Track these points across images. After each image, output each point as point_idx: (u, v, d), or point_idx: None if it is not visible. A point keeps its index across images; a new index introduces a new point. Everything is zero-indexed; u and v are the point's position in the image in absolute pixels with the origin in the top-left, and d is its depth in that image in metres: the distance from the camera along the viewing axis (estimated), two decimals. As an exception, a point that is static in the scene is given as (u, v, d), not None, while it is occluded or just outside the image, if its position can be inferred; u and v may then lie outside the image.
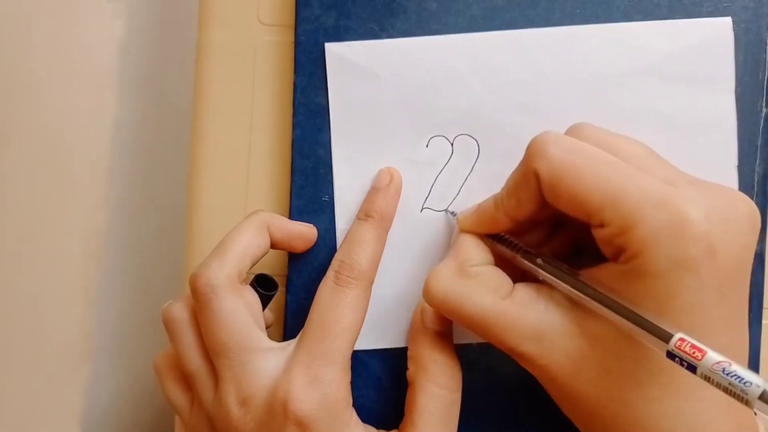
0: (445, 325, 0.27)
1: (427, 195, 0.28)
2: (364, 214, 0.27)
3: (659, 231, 0.19)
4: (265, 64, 0.30)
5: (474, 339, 0.27)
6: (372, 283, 0.26)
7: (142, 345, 0.41)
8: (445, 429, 0.25)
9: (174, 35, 0.42)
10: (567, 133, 0.23)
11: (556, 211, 0.22)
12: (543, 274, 0.22)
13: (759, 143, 0.26)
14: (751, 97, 0.26)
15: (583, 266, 0.22)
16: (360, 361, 0.28)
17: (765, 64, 0.26)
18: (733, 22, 0.26)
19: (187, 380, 0.26)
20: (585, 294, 0.20)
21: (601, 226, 0.20)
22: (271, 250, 0.27)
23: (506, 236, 0.24)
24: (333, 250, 0.28)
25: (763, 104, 0.26)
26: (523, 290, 0.23)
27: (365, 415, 0.26)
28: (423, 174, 0.28)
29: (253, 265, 0.26)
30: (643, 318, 0.19)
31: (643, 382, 0.20)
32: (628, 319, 0.19)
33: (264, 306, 0.27)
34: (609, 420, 0.21)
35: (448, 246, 0.27)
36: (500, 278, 0.23)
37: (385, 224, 0.27)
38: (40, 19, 0.32)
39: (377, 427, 0.26)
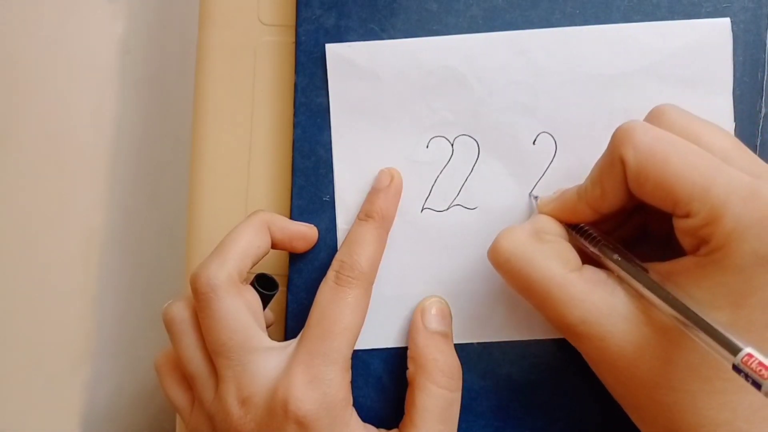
0: (445, 325, 0.27)
1: (427, 195, 0.28)
2: (364, 214, 0.27)
3: (747, 225, 0.19)
4: (266, 64, 0.30)
5: (474, 339, 0.28)
6: (372, 283, 0.26)
7: (142, 345, 0.41)
8: (445, 428, 0.25)
9: (174, 35, 0.42)
10: (649, 115, 0.23)
11: (636, 203, 0.22)
12: (619, 272, 0.22)
13: (758, 143, 0.26)
14: (750, 97, 0.26)
15: (647, 254, 0.22)
16: (360, 360, 0.28)
17: (764, 65, 0.26)
18: (732, 22, 0.26)
19: (187, 380, 0.26)
20: (659, 296, 0.20)
21: (686, 216, 0.20)
22: (271, 249, 0.27)
23: (585, 227, 0.24)
24: (333, 250, 0.28)
25: (762, 104, 0.26)
26: (592, 270, 0.22)
27: (365, 415, 0.26)
28: (423, 174, 0.28)
29: (254, 265, 0.26)
30: (714, 328, 0.18)
31: (707, 377, 0.20)
32: (698, 326, 0.19)
33: (264, 306, 0.27)
34: (664, 407, 0.21)
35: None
36: (571, 253, 0.23)
37: (385, 225, 0.27)
38: (40, 19, 0.32)
39: (377, 427, 0.26)
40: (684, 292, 0.20)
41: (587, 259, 0.23)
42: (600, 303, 0.21)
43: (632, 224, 0.25)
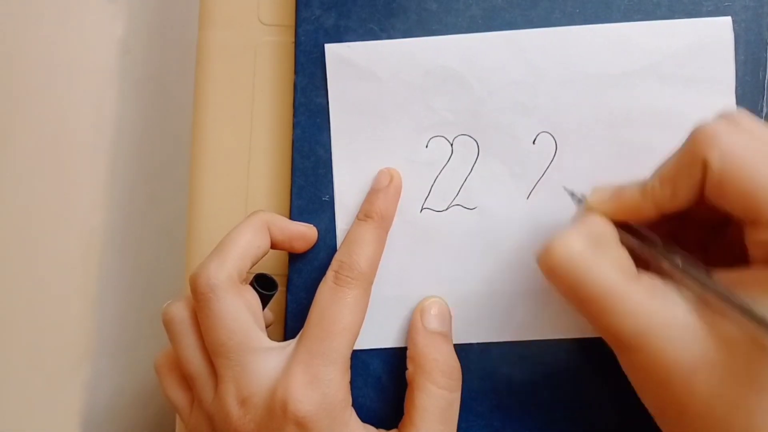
0: (444, 326, 0.27)
1: (426, 195, 0.28)
2: (363, 214, 0.27)
3: None
4: (266, 64, 0.30)
5: (474, 339, 0.27)
6: (372, 283, 0.26)
7: (142, 345, 0.41)
8: (445, 429, 0.25)
9: (174, 35, 0.42)
10: (722, 118, 0.22)
11: (701, 207, 0.21)
12: (681, 276, 0.21)
13: (759, 143, 0.26)
14: (752, 96, 0.26)
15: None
16: (360, 360, 0.28)
17: (765, 64, 0.26)
18: (734, 21, 0.26)
19: (187, 380, 0.26)
20: (732, 304, 0.19)
21: (766, 226, 0.19)
22: (271, 249, 0.27)
23: (638, 227, 0.23)
24: (333, 250, 0.28)
25: (764, 103, 0.26)
26: (651, 279, 0.21)
27: (365, 415, 0.26)
28: (423, 174, 0.28)
29: (254, 265, 0.26)
30: None
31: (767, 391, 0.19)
32: None
33: (264, 306, 0.27)
34: (716, 422, 0.20)
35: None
36: (629, 260, 0.22)
37: (384, 225, 0.27)
38: (40, 19, 0.32)
39: (377, 427, 0.26)
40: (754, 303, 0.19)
41: (637, 262, 0.22)
42: (660, 314, 0.20)
43: (659, 231, 0.24)
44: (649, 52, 0.26)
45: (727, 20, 0.26)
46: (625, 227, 0.23)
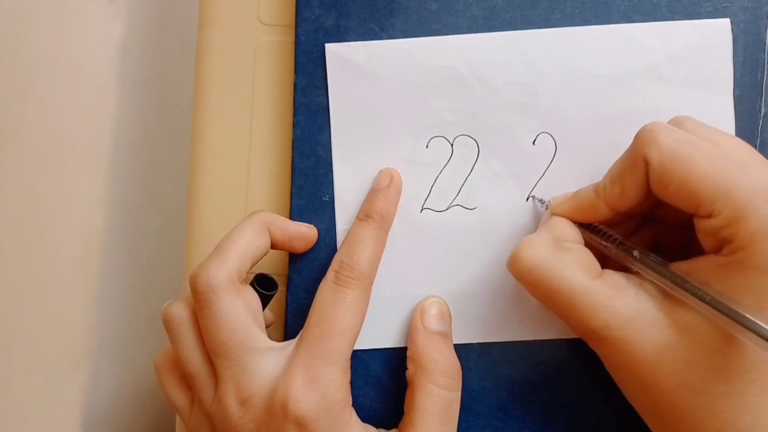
0: (444, 326, 0.27)
1: (427, 195, 0.28)
2: (364, 214, 0.27)
3: None
4: (266, 64, 0.30)
5: (474, 339, 0.28)
6: (372, 283, 0.26)
7: (142, 345, 0.41)
8: (445, 429, 0.25)
9: (174, 35, 0.42)
10: (669, 123, 0.23)
11: (650, 205, 0.22)
12: (639, 267, 0.22)
13: (757, 143, 0.26)
14: (750, 97, 0.26)
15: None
16: (360, 360, 0.28)
17: (764, 65, 0.26)
18: (732, 22, 0.26)
19: (187, 380, 0.26)
20: (684, 289, 0.20)
21: (709, 216, 0.20)
22: (271, 249, 0.27)
23: (599, 226, 0.24)
24: (333, 249, 0.28)
25: (762, 104, 0.26)
26: (613, 275, 0.23)
27: (365, 415, 0.26)
28: (423, 174, 0.28)
29: (254, 265, 0.26)
30: (745, 316, 0.19)
31: (729, 378, 0.20)
32: (728, 316, 0.19)
33: (264, 306, 0.27)
34: (686, 411, 0.21)
35: (532, 231, 0.27)
36: (591, 259, 0.23)
37: (385, 225, 0.27)
38: (41, 19, 0.32)
39: (377, 427, 0.26)
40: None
41: (604, 263, 0.24)
42: (624, 307, 0.21)
43: (642, 236, 0.25)
44: (648, 52, 0.27)
45: (726, 22, 0.26)
46: (587, 227, 0.24)
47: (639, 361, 0.21)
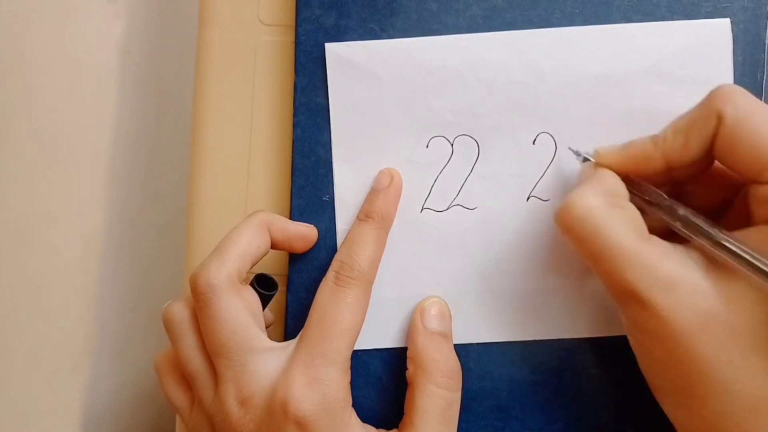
0: (444, 326, 0.27)
1: (427, 195, 0.28)
2: (364, 214, 0.27)
3: None
4: (266, 64, 0.30)
5: (474, 339, 0.28)
6: (372, 283, 0.26)
7: (142, 345, 0.41)
8: (445, 429, 0.25)
9: (174, 35, 0.42)
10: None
11: (697, 170, 0.22)
12: (684, 226, 0.22)
13: (758, 144, 0.26)
14: (750, 97, 0.26)
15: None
16: (360, 360, 0.28)
17: (764, 65, 0.26)
18: (732, 22, 0.26)
19: (187, 380, 0.26)
20: (733, 251, 0.20)
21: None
22: (271, 249, 0.27)
23: (644, 182, 0.23)
24: (333, 249, 0.28)
25: (762, 105, 0.26)
26: (661, 241, 0.22)
27: (365, 415, 0.26)
28: (423, 174, 0.28)
29: (254, 265, 0.26)
30: None
31: None
32: None
33: (264, 306, 0.27)
34: (719, 385, 0.21)
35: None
36: (641, 220, 0.23)
37: (385, 225, 0.27)
38: (40, 19, 0.32)
39: (377, 427, 0.26)
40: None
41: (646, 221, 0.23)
42: (670, 272, 0.21)
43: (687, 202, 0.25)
44: (648, 52, 0.27)
45: (726, 22, 0.26)
46: (632, 184, 0.24)
47: (677, 329, 0.21)
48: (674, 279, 0.21)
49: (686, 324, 0.21)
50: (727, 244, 0.20)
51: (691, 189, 0.24)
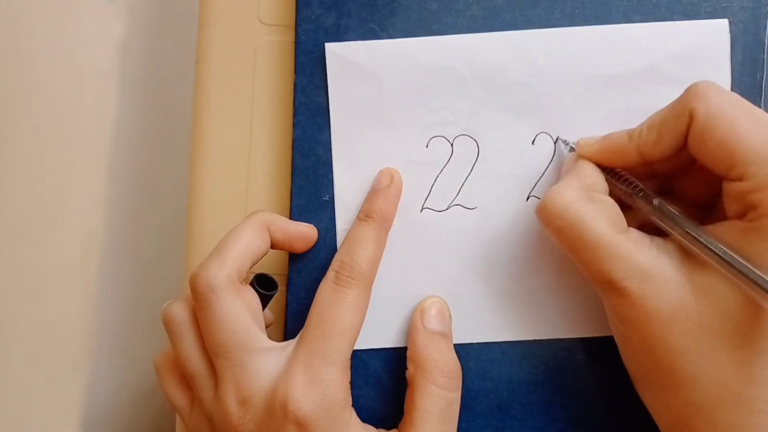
0: (444, 326, 0.27)
1: (427, 195, 0.28)
2: (364, 214, 0.27)
3: None
4: (266, 64, 0.30)
5: (474, 339, 0.28)
6: (372, 283, 0.26)
7: (142, 345, 0.41)
8: (445, 429, 0.25)
9: (174, 35, 0.42)
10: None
11: (673, 167, 0.23)
12: (659, 216, 0.22)
13: (758, 143, 0.26)
14: (749, 97, 0.26)
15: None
16: (360, 360, 0.28)
17: (763, 65, 0.26)
18: (731, 22, 0.26)
19: (187, 380, 0.26)
20: (701, 241, 0.21)
21: (740, 179, 0.21)
22: (271, 249, 0.27)
23: (624, 173, 0.24)
24: (333, 249, 0.28)
25: (761, 104, 0.26)
26: (637, 233, 0.23)
27: (365, 415, 0.26)
28: (423, 174, 0.28)
29: (253, 265, 0.26)
30: (763, 277, 0.19)
31: (737, 345, 0.20)
32: (745, 275, 0.19)
33: (264, 306, 0.27)
34: (688, 375, 0.21)
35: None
36: (619, 213, 0.23)
37: (385, 225, 0.27)
38: (40, 19, 0.32)
39: (377, 427, 0.26)
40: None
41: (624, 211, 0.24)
42: (645, 262, 0.22)
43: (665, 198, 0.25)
44: (647, 53, 0.27)
45: (724, 22, 0.26)
46: (611, 173, 0.24)
47: (651, 317, 0.21)
48: (647, 269, 0.22)
49: (659, 313, 0.21)
50: (695, 235, 0.21)
51: (681, 183, 0.25)
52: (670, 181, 0.25)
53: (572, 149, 0.26)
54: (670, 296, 0.21)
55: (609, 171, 0.24)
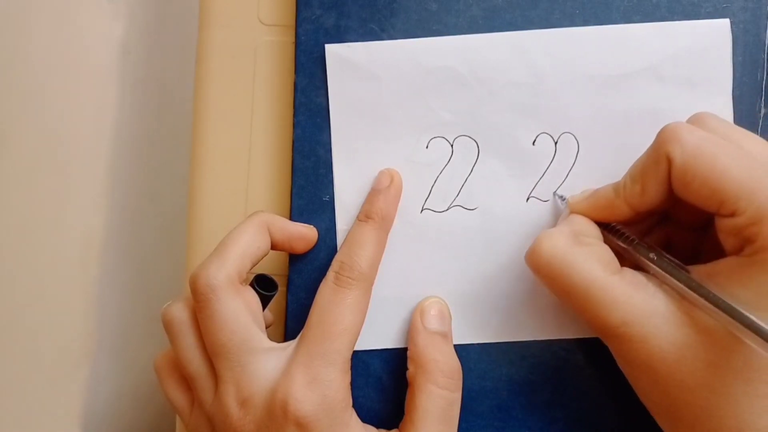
0: (444, 326, 0.27)
1: (427, 196, 0.28)
2: (364, 215, 0.27)
3: None
4: (266, 64, 0.30)
5: (474, 339, 0.28)
6: (372, 284, 0.26)
7: (142, 345, 0.41)
8: (445, 429, 0.25)
9: (174, 35, 0.42)
10: (690, 120, 0.23)
11: (669, 205, 0.22)
12: (654, 269, 0.22)
13: (758, 144, 0.26)
14: (750, 97, 0.26)
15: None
16: (360, 361, 0.28)
17: (764, 65, 0.26)
18: (732, 22, 0.26)
19: (187, 381, 0.26)
20: (698, 294, 0.20)
21: (731, 215, 0.20)
22: (271, 250, 0.27)
23: (617, 226, 0.24)
24: (333, 250, 0.28)
25: (762, 105, 0.26)
26: (632, 273, 0.22)
27: (365, 415, 0.26)
28: (423, 175, 0.28)
29: (254, 265, 0.26)
30: (760, 324, 0.18)
31: (750, 379, 0.20)
32: (743, 323, 0.19)
33: (264, 306, 0.27)
34: (705, 411, 0.21)
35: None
36: (610, 255, 0.23)
37: (385, 226, 0.27)
38: (40, 19, 0.32)
39: (377, 427, 0.26)
40: (726, 293, 0.20)
41: (623, 262, 0.23)
42: (642, 305, 0.21)
43: (656, 236, 0.25)
44: (648, 53, 0.27)
45: (725, 22, 0.26)
46: (606, 227, 0.24)
47: (657, 360, 0.21)
48: (647, 310, 0.21)
49: (664, 354, 0.21)
50: (690, 290, 0.20)
51: (676, 210, 0.24)
52: (666, 212, 0.25)
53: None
54: (674, 336, 0.21)
55: (602, 225, 0.24)
